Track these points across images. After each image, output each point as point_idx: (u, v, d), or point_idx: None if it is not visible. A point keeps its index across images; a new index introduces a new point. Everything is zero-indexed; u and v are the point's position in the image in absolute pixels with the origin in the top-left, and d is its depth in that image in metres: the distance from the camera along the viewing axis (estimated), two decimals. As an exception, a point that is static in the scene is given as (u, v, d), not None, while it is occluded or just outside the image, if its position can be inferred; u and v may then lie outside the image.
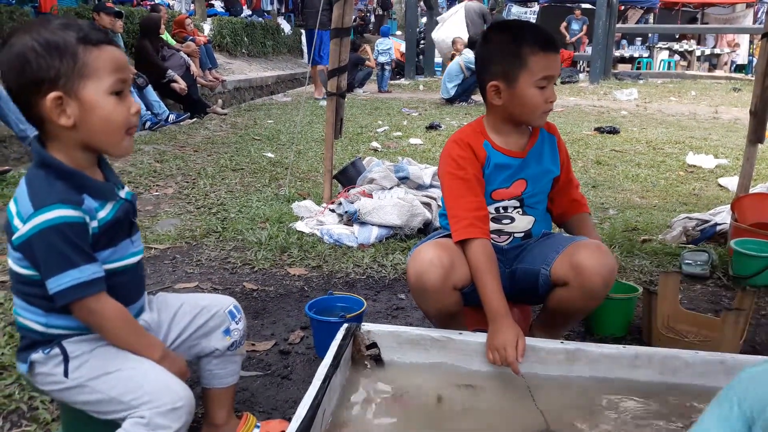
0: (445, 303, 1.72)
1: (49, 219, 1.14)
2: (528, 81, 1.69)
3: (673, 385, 1.54)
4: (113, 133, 1.21)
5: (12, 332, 2.05)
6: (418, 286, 1.70)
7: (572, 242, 1.77)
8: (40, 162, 1.20)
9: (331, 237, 3.13)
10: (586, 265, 1.65)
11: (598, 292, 1.69)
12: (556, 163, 1.90)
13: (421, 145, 6.13)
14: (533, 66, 1.68)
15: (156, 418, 1.18)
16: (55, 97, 1.15)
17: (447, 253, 1.68)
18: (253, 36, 13.93)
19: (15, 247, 1.19)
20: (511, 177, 1.82)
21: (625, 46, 19.33)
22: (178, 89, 7.39)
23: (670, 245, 3.16)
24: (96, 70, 1.17)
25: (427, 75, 14.69)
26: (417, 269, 1.68)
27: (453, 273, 1.67)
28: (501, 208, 1.84)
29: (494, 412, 1.50)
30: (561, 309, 1.78)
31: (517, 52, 1.69)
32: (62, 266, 1.15)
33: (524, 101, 1.72)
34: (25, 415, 1.66)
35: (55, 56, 1.14)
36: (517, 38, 1.71)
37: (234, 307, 1.47)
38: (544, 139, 1.87)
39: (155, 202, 3.87)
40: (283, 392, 1.82)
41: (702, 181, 4.98)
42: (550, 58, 1.70)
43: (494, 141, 1.81)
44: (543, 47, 1.68)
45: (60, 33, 1.16)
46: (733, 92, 12.23)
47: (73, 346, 1.24)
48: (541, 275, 1.76)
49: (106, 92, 1.18)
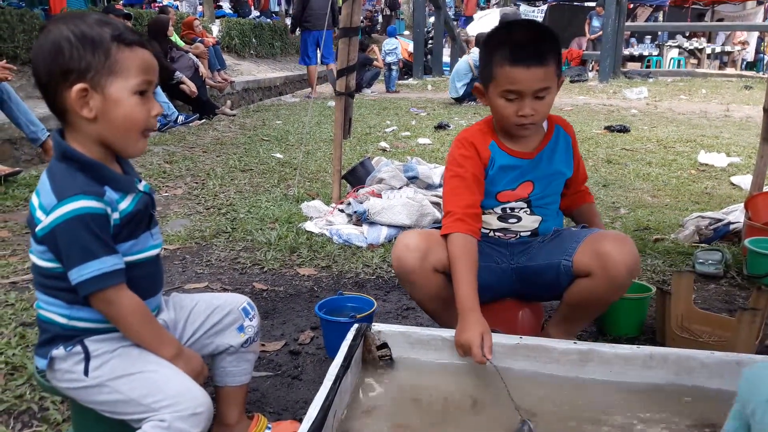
0: (428, 285, 1.76)
1: (72, 210, 1.15)
2: (494, 90, 1.68)
3: (688, 386, 1.52)
4: (131, 131, 1.23)
5: (23, 333, 2.05)
6: (399, 270, 1.77)
7: (593, 233, 1.76)
8: (62, 154, 1.21)
9: (341, 237, 3.12)
10: (612, 254, 1.65)
11: (622, 281, 1.68)
12: (570, 164, 1.87)
13: (430, 145, 6.12)
14: (498, 77, 1.65)
15: (176, 422, 1.18)
16: (81, 88, 1.17)
17: (423, 238, 1.75)
18: (261, 37, 13.96)
19: (38, 240, 1.21)
20: (518, 179, 1.80)
21: (635, 44, 19.21)
22: (188, 91, 7.41)
23: (683, 244, 3.13)
24: (125, 69, 1.19)
25: (435, 74, 14.67)
26: (396, 255, 1.76)
27: (430, 255, 1.72)
28: (507, 209, 1.83)
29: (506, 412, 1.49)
30: (582, 301, 1.76)
31: (489, 59, 1.67)
32: (84, 257, 1.16)
33: (495, 109, 1.72)
34: (36, 416, 1.66)
35: (89, 49, 1.17)
36: (491, 44, 1.68)
37: (248, 305, 1.48)
38: (558, 139, 1.84)
39: (165, 203, 3.88)
40: (293, 393, 1.81)
41: (714, 179, 4.93)
42: (518, 72, 1.61)
43: (502, 141, 1.79)
44: (511, 60, 1.61)
45: (96, 28, 1.18)
46: (744, 90, 12.13)
47: (95, 344, 1.25)
48: (563, 266, 1.74)
49: (131, 91, 1.20)
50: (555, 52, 1.66)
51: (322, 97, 9.81)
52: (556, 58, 1.66)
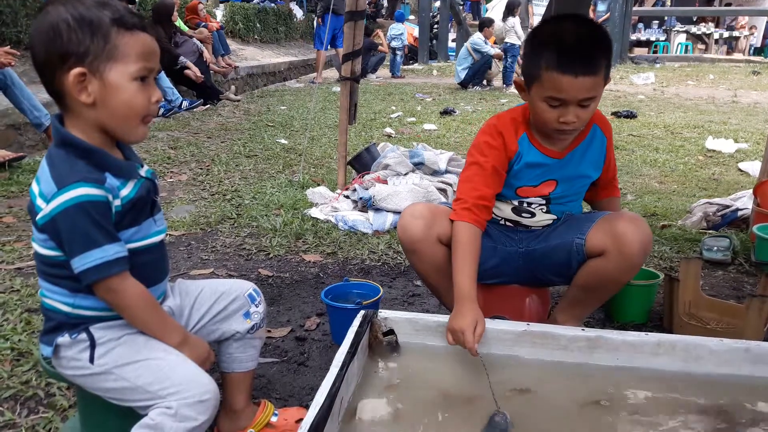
0: (432, 255, 1.76)
1: (72, 197, 1.13)
2: (537, 93, 1.59)
3: (697, 374, 1.51)
4: (130, 117, 1.20)
5: (29, 319, 2.05)
6: (404, 239, 1.78)
7: (606, 214, 1.75)
8: (61, 141, 1.19)
9: (346, 223, 3.11)
10: (627, 233, 1.63)
11: (636, 260, 1.67)
12: (600, 166, 1.81)
13: (436, 131, 6.09)
14: (543, 81, 1.55)
15: (183, 409, 1.18)
16: (79, 73, 1.14)
17: (429, 209, 1.78)
18: (265, 22, 13.87)
19: (39, 228, 1.19)
20: (541, 176, 1.75)
21: (642, 29, 19.03)
22: (193, 76, 7.38)
23: (691, 231, 3.11)
24: (125, 54, 1.16)
25: (440, 60, 14.58)
26: (402, 223, 1.79)
27: (435, 224, 1.74)
28: (525, 203, 1.80)
29: (513, 399, 1.48)
30: (593, 282, 1.74)
31: (536, 60, 1.56)
32: (86, 245, 1.14)
33: (536, 110, 1.64)
34: (42, 402, 1.66)
35: (87, 33, 1.14)
36: (542, 45, 1.57)
37: (254, 291, 1.47)
38: (593, 140, 1.76)
39: (170, 189, 3.87)
40: (299, 379, 1.81)
41: (722, 165, 4.90)
42: (566, 80, 1.51)
43: (534, 135, 1.72)
44: (559, 67, 1.51)
45: (95, 11, 1.15)
46: (752, 75, 12.02)
47: (100, 332, 1.24)
48: (575, 245, 1.72)
49: (131, 77, 1.17)
50: (606, 57, 1.56)
51: (327, 82, 9.76)
52: (607, 63, 1.56)
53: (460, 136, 5.88)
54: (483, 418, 1.36)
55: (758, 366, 1.50)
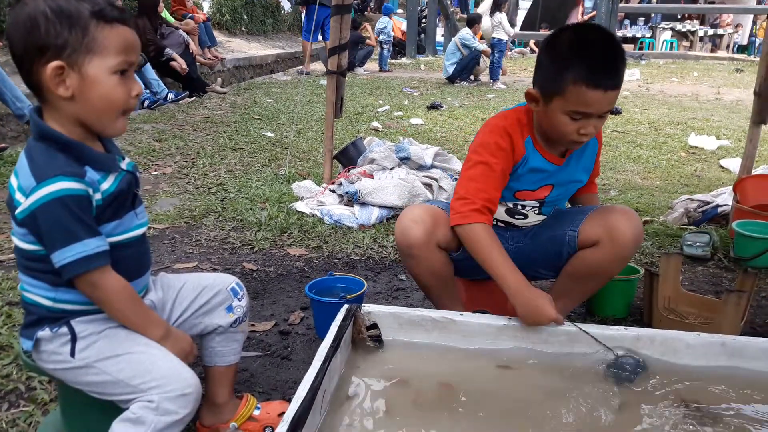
0: (431, 262, 1.75)
1: (51, 192, 1.12)
2: (560, 107, 1.55)
3: (674, 366, 1.53)
4: (109, 111, 1.19)
5: (10, 312, 2.04)
6: (403, 243, 1.74)
7: (600, 206, 1.78)
8: (39, 134, 1.18)
9: (332, 217, 3.12)
10: (620, 225, 1.67)
11: (627, 251, 1.70)
12: (589, 170, 1.84)
13: (423, 125, 6.10)
14: (570, 96, 1.52)
15: (165, 403, 1.18)
16: (56, 66, 1.13)
17: (429, 213, 1.73)
18: (252, 14, 13.77)
19: (19, 222, 1.18)
20: (541, 181, 1.76)
21: (628, 26, 19.14)
22: (179, 68, 7.32)
23: (672, 227, 3.15)
24: (104, 47, 1.15)
25: (428, 54, 14.56)
26: (401, 227, 1.74)
27: (436, 230, 1.71)
28: (519, 206, 1.82)
29: (495, 392, 1.50)
30: (584, 272, 1.76)
31: (560, 73, 1.52)
32: (66, 240, 1.14)
33: (553, 122, 1.60)
34: (23, 396, 1.66)
35: (66, 25, 1.12)
36: (568, 57, 1.53)
37: (236, 285, 1.47)
38: (587, 146, 1.77)
39: (154, 182, 3.85)
40: (283, 373, 1.82)
41: (704, 162, 4.96)
42: (596, 95, 1.49)
43: (538, 139, 1.72)
44: (589, 81, 1.48)
45: (74, 3, 1.13)
46: (735, 73, 12.13)
47: (81, 326, 1.23)
48: (568, 237, 1.75)
49: (110, 71, 1.16)
50: (625, 68, 1.57)
51: (315, 74, 9.73)
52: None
53: (446, 130, 5.89)
54: (468, 411, 1.38)
55: (734, 359, 1.53)
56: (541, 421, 1.37)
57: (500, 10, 10.11)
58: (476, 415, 1.39)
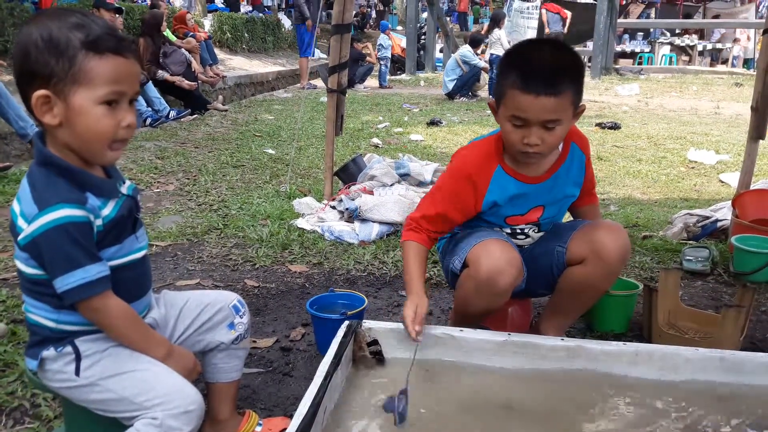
0: (499, 303, 1.73)
1: (53, 219, 1.13)
2: (503, 112, 1.61)
3: (674, 382, 1.54)
4: (95, 142, 1.18)
5: (14, 329, 2.05)
6: (489, 284, 1.64)
7: (588, 222, 1.79)
8: (42, 160, 1.19)
9: (332, 234, 3.14)
10: (605, 242, 1.68)
11: (614, 267, 1.71)
12: (580, 183, 1.83)
13: (422, 141, 6.13)
14: (507, 100, 1.58)
15: (168, 420, 1.19)
16: (41, 95, 1.13)
17: (518, 259, 1.68)
18: (253, 31, 13.90)
19: (21, 248, 1.19)
20: (527, 204, 1.77)
21: (627, 41, 19.27)
22: (186, 86, 7.41)
23: (671, 241, 3.16)
24: (91, 78, 1.14)
25: (427, 70, 14.66)
26: (493, 267, 1.63)
27: (521, 275, 1.70)
28: (517, 230, 1.84)
29: (495, 407, 1.51)
30: (575, 289, 1.78)
31: (502, 78, 1.60)
32: (68, 266, 1.15)
33: (503, 131, 1.66)
34: (27, 413, 1.67)
35: (53, 55, 1.13)
36: (506, 63, 1.61)
37: (238, 302, 1.49)
38: (573, 159, 1.78)
39: (156, 199, 3.87)
40: (284, 389, 1.83)
41: (703, 176, 4.98)
42: (527, 99, 1.52)
43: (508, 165, 1.72)
44: (520, 86, 1.53)
45: (66, 32, 1.13)
46: (734, 87, 12.20)
47: (85, 345, 1.24)
48: (557, 253, 1.77)
49: (97, 101, 1.15)
50: (573, 82, 1.56)
51: (316, 91, 9.80)
52: (574, 88, 1.56)
53: (446, 146, 5.92)
54: (470, 425, 1.39)
55: (731, 374, 1.54)
56: None
57: (499, 27, 10.21)
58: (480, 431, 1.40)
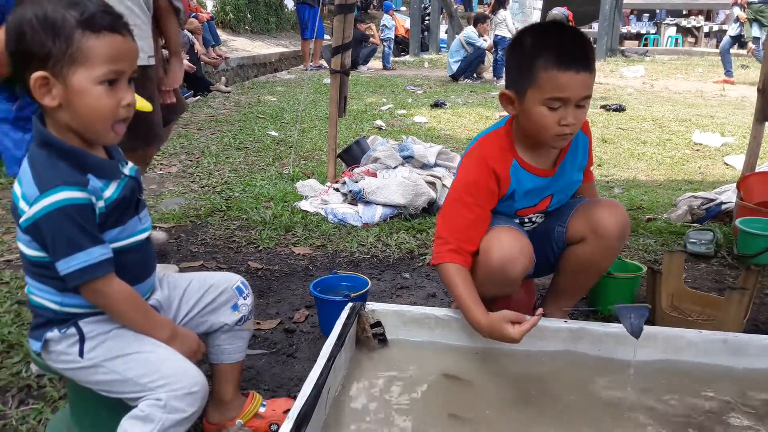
0: (509, 291, 1.73)
1: (55, 201, 1.13)
2: (535, 97, 1.54)
3: (677, 364, 1.55)
4: (97, 122, 1.16)
5: (18, 311, 2.06)
6: (501, 273, 1.61)
7: (586, 200, 1.78)
8: (42, 141, 1.18)
9: (336, 216, 3.13)
10: (603, 219, 1.68)
11: (613, 244, 1.71)
12: (584, 166, 1.82)
13: (426, 123, 6.11)
14: (543, 83, 1.51)
15: (172, 401, 1.19)
16: (39, 76, 1.12)
17: (528, 243, 1.66)
18: (256, 12, 13.80)
19: (23, 230, 1.19)
20: (539, 196, 1.76)
21: (632, 22, 19.08)
22: (186, 67, 7.34)
23: (675, 224, 3.15)
24: (89, 57, 1.11)
25: (431, 52, 14.57)
26: (505, 256, 1.60)
27: (531, 263, 1.68)
28: (525, 219, 1.83)
29: (497, 389, 1.51)
30: (576, 268, 1.78)
31: (531, 65, 1.52)
32: (70, 249, 1.14)
33: (532, 119, 1.58)
34: (32, 393, 1.68)
35: (50, 35, 1.11)
36: (534, 47, 1.55)
37: (241, 283, 1.49)
38: (577, 145, 1.76)
39: (159, 181, 3.87)
40: (288, 370, 1.83)
41: (708, 159, 4.95)
42: (567, 77, 1.49)
43: (523, 158, 1.69)
44: (559, 64, 1.49)
45: (62, 11, 1.11)
46: (740, 69, 12.08)
47: (89, 326, 1.25)
48: (557, 232, 1.77)
49: (96, 81, 1.13)
50: (594, 54, 1.56)
51: (318, 73, 9.74)
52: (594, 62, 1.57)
53: (450, 128, 5.90)
54: (473, 407, 1.39)
55: (735, 357, 1.54)
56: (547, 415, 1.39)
57: (504, 8, 10.10)
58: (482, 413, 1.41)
